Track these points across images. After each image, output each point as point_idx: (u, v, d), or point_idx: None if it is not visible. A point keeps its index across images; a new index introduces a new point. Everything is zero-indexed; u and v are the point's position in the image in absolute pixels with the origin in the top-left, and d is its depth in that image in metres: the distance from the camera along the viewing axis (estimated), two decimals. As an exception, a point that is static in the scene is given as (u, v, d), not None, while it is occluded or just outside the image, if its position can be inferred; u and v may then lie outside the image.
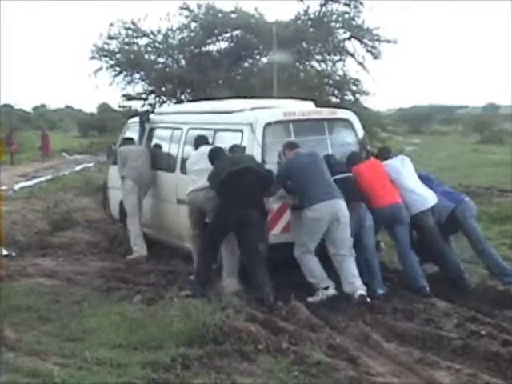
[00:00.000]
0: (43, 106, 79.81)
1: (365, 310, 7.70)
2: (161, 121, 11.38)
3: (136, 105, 20.43)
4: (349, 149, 9.34)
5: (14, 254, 11.25)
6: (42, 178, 22.94)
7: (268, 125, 8.92)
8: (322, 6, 19.24)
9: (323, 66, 19.86)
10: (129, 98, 20.60)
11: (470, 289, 8.55)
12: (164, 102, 19.64)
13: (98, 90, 22.98)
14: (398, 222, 8.68)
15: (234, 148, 9.01)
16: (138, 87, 20.50)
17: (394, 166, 9.08)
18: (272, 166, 8.73)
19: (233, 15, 19.86)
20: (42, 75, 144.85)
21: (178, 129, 10.53)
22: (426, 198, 8.82)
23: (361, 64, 19.20)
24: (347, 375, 5.71)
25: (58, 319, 7.47)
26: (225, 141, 9.32)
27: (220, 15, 19.77)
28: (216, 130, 9.56)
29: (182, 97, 19.58)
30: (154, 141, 11.31)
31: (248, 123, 9.01)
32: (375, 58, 19.18)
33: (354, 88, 19.39)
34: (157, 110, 12.66)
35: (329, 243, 8.30)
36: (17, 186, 21.60)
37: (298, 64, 19.20)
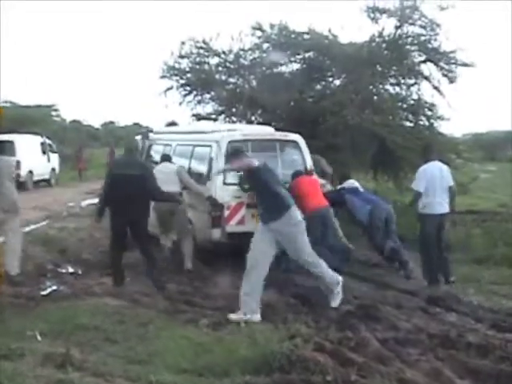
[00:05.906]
0: (111, 122, 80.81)
1: (437, 344, 7.44)
2: (157, 138, 14.84)
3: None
4: (295, 164, 12.18)
5: (80, 272, 11.33)
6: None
7: (230, 142, 11.54)
8: (397, 28, 18.84)
9: (397, 89, 19.45)
10: (199, 118, 20.62)
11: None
12: (234, 122, 19.52)
13: (168, 108, 23.14)
14: (328, 222, 11.39)
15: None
16: (208, 107, 20.57)
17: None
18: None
19: (306, 36, 19.71)
20: (111, 92, 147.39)
21: (168, 145, 13.78)
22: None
23: (436, 88, 18.74)
24: (418, 412, 5.48)
25: (123, 341, 7.36)
26: (200, 154, 12.44)
27: (293, 36, 19.66)
28: (194, 146, 12.82)
29: (253, 118, 19.49)
30: (152, 154, 14.47)
31: (215, 141, 11.91)
32: (451, 82, 18.68)
33: (429, 113, 18.91)
34: (154, 130, 15.89)
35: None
36: (84, 203, 21.92)
37: (371, 87, 18.86)
